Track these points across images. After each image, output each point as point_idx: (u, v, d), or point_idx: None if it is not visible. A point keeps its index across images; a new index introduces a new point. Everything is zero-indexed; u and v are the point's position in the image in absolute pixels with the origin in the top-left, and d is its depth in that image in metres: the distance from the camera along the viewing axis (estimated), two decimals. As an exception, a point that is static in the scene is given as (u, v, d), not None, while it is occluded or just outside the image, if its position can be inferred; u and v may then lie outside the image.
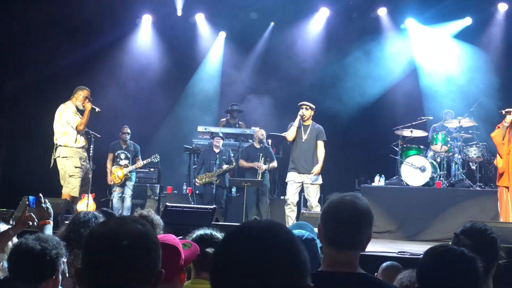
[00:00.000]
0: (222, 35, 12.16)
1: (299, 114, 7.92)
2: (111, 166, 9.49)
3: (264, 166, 9.19)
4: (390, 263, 3.63)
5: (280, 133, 9.79)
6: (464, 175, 9.03)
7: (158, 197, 9.82)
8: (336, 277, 2.04)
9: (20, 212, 5.62)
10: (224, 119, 10.94)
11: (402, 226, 8.43)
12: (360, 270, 2.09)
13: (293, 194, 7.92)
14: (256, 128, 9.85)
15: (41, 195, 3.53)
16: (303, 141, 7.96)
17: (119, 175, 9.43)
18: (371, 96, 11.10)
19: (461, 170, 9.05)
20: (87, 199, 7.98)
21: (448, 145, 9.09)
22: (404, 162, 8.86)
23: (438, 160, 9.09)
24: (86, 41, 10.61)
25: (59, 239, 2.73)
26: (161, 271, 1.51)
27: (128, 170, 9.46)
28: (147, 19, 11.71)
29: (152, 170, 10.23)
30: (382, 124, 10.53)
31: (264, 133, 9.54)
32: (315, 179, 7.83)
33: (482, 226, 2.63)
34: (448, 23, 11.15)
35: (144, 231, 1.50)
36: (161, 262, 1.52)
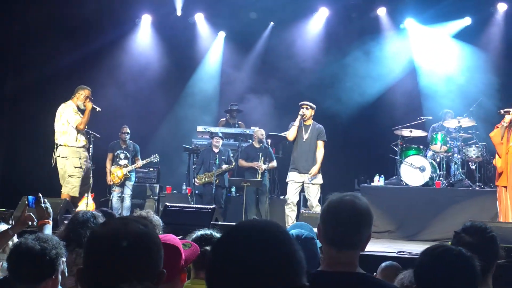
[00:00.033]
0: (222, 35, 12.15)
1: (299, 114, 7.90)
2: (111, 166, 9.49)
3: (264, 166, 9.18)
4: (389, 263, 3.63)
5: (280, 133, 9.80)
6: (463, 175, 9.03)
7: (157, 197, 9.83)
8: (335, 276, 2.05)
9: (19, 212, 5.62)
10: (223, 119, 10.93)
11: (402, 226, 8.43)
12: (360, 270, 2.09)
13: (293, 193, 7.91)
14: (255, 128, 9.84)
15: (40, 195, 3.53)
16: (304, 140, 7.95)
17: (118, 175, 9.43)
18: (371, 96, 11.09)
19: (460, 170, 9.05)
20: (86, 199, 7.97)
21: (448, 145, 9.09)
22: (404, 162, 8.85)
23: (438, 160, 9.08)
24: (86, 41, 10.61)
25: (58, 239, 2.72)
26: (163, 271, 1.51)
27: (128, 170, 9.46)
28: (147, 19, 11.70)
29: (151, 170, 10.23)
30: (382, 124, 10.53)
31: (264, 132, 9.53)
32: (312, 178, 7.83)
33: (482, 225, 2.63)
34: (447, 23, 11.14)
35: (146, 231, 1.50)
36: (163, 262, 1.52)
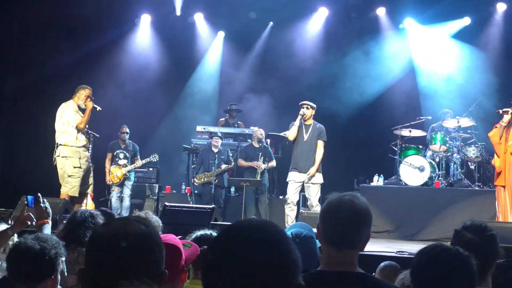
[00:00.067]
0: (221, 34, 12.15)
1: (300, 114, 7.89)
2: (110, 165, 9.49)
3: (263, 166, 9.19)
4: (388, 262, 3.64)
5: (279, 132, 9.80)
6: (462, 174, 9.03)
7: (157, 196, 9.83)
8: (335, 276, 2.05)
9: (18, 211, 5.62)
10: (223, 118, 10.93)
11: (401, 226, 8.42)
12: (359, 270, 2.09)
13: (293, 193, 7.91)
14: (255, 128, 9.84)
15: (39, 194, 3.53)
16: (305, 140, 7.93)
17: (117, 174, 9.43)
18: (370, 96, 11.09)
19: (459, 170, 9.05)
20: (86, 199, 7.96)
21: (447, 145, 9.09)
22: (403, 162, 8.85)
23: (437, 160, 9.08)
24: (86, 41, 10.62)
25: (58, 238, 2.72)
26: (164, 272, 1.52)
27: (127, 169, 9.46)
28: (146, 19, 11.70)
29: (151, 169, 10.23)
30: (381, 123, 10.52)
31: (263, 132, 9.53)
32: (310, 179, 7.82)
33: (481, 224, 2.64)
34: (446, 23, 11.15)
35: (148, 231, 1.50)
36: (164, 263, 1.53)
